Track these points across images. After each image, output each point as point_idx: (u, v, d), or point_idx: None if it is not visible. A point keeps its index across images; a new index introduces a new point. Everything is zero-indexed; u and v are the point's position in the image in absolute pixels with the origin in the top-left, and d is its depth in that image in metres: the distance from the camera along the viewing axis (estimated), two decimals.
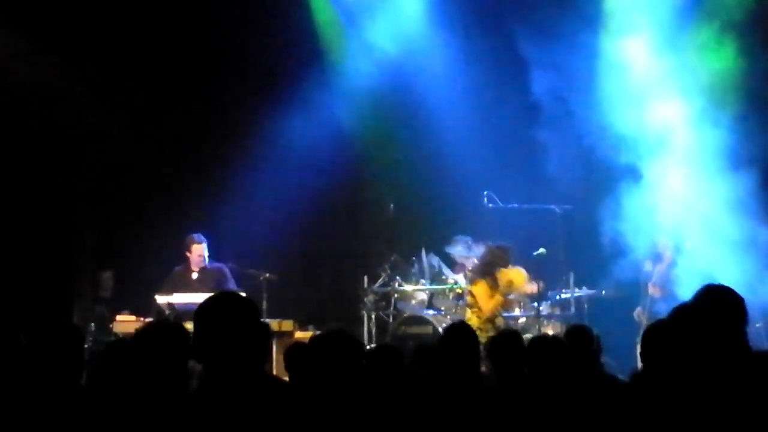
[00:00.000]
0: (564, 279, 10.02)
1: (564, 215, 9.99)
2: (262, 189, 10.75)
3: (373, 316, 10.24)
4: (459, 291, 9.88)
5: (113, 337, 8.56)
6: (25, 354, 4.24)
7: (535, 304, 9.79)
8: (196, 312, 3.43)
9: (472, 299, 9.18)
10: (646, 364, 4.25)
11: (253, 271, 9.70)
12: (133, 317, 8.81)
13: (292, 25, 10.92)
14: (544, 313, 9.88)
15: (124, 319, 8.78)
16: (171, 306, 8.63)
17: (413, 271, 10.44)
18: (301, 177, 10.97)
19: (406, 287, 10.38)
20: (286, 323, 9.13)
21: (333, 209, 11.43)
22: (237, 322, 3.35)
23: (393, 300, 10.41)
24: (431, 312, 10.09)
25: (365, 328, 10.14)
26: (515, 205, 10.11)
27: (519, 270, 9.42)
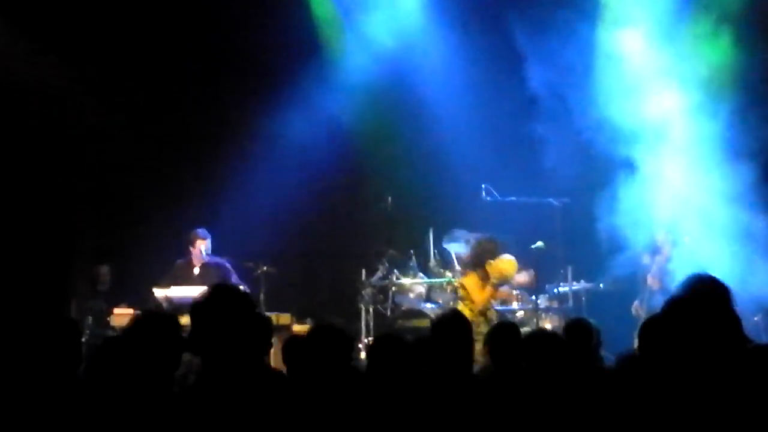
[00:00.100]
0: (562, 272, 10.04)
1: (562, 208, 9.99)
2: (261, 184, 10.75)
3: (371, 310, 10.26)
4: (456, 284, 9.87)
5: (110, 331, 8.58)
6: (23, 348, 4.24)
7: (533, 297, 9.80)
8: (192, 306, 3.44)
9: (464, 292, 9.14)
10: (644, 356, 4.25)
11: (251, 265, 9.72)
12: (131, 310, 8.80)
13: (291, 22, 10.91)
14: (542, 306, 9.89)
15: (122, 313, 8.79)
16: (168, 299, 8.63)
17: (411, 264, 10.46)
18: (299, 172, 10.97)
19: (404, 281, 10.40)
20: (284, 317, 9.14)
21: (331, 204, 11.43)
22: (232, 315, 3.36)
23: (391, 293, 10.42)
24: (429, 305, 10.11)
25: (363, 322, 10.17)
26: (513, 198, 10.09)
27: (509, 259, 9.36)
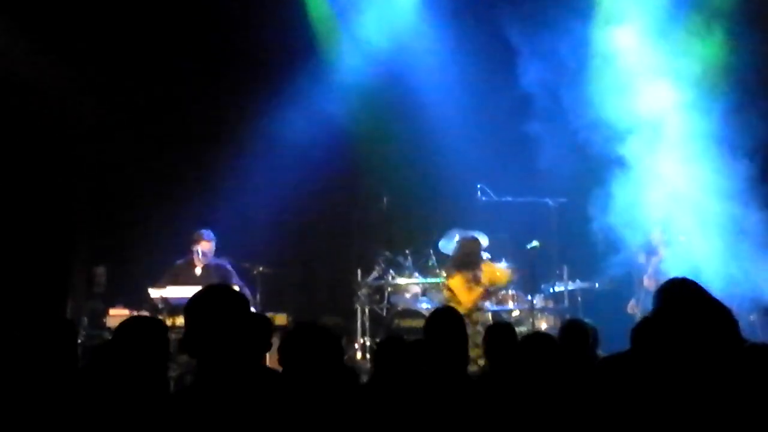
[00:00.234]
0: (558, 272, 10.04)
1: (558, 208, 10.01)
2: (257, 183, 10.75)
3: (367, 310, 10.27)
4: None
5: (106, 332, 8.57)
6: (20, 348, 4.25)
7: (529, 297, 9.81)
8: (187, 306, 3.44)
9: (449, 293, 9.16)
10: (637, 356, 4.27)
11: (248, 265, 9.71)
12: (127, 311, 8.79)
13: (288, 23, 10.91)
14: (537, 306, 9.88)
15: (118, 314, 8.77)
16: (165, 300, 8.61)
17: (406, 264, 10.47)
18: (295, 172, 10.95)
19: (400, 281, 10.41)
20: (280, 317, 9.13)
21: (327, 203, 11.43)
22: (227, 316, 3.36)
23: (387, 293, 10.44)
24: (425, 305, 10.12)
25: (359, 322, 10.18)
26: (509, 198, 10.12)
27: (505, 269, 9.49)
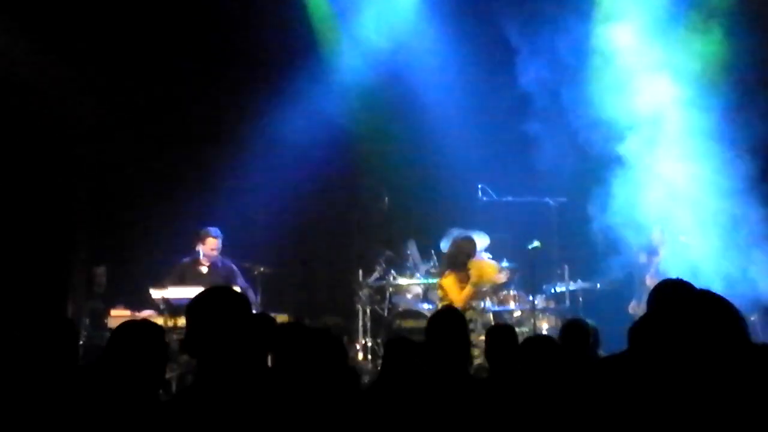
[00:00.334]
0: (559, 272, 10.04)
1: (559, 208, 10.01)
2: (258, 183, 10.76)
3: (368, 310, 10.27)
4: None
5: (107, 333, 8.56)
6: (20, 349, 4.25)
7: (530, 297, 9.81)
8: (188, 307, 3.44)
9: (442, 292, 9.17)
10: (635, 356, 4.27)
11: (249, 265, 9.71)
12: (128, 312, 8.80)
13: (287, 21, 10.91)
14: (539, 306, 9.88)
15: (119, 314, 8.76)
16: (166, 301, 8.60)
17: (408, 264, 10.47)
18: (296, 172, 10.95)
19: (401, 281, 10.41)
20: (281, 317, 9.12)
21: (328, 203, 11.43)
22: (228, 317, 3.36)
23: (388, 294, 10.43)
24: (426, 305, 10.11)
25: (360, 322, 10.18)
26: (510, 198, 10.12)
27: (492, 264, 9.45)
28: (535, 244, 9.65)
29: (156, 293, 8.72)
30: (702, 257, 9.12)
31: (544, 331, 9.44)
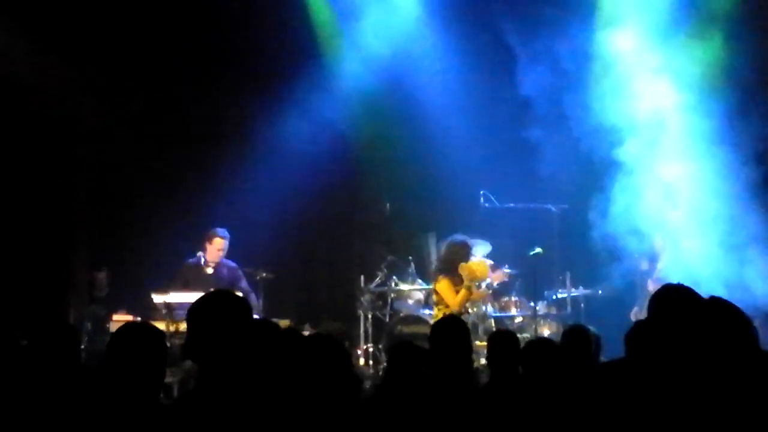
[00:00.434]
0: (560, 278, 10.03)
1: (560, 214, 10.00)
2: (259, 188, 10.73)
3: (369, 316, 10.27)
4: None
5: (109, 337, 8.52)
6: (22, 353, 4.25)
7: (532, 304, 9.80)
8: (189, 311, 3.44)
9: (437, 297, 9.17)
10: (633, 361, 4.27)
11: (250, 270, 9.70)
12: (130, 317, 8.77)
13: (290, 26, 10.91)
14: (540, 312, 9.88)
15: (121, 319, 8.74)
16: (168, 305, 8.58)
17: (409, 270, 10.45)
18: (297, 177, 10.93)
19: (403, 287, 10.40)
20: (283, 323, 9.08)
21: (330, 209, 11.41)
22: (229, 322, 3.36)
23: (390, 299, 10.41)
24: (428, 311, 10.10)
25: (362, 328, 10.18)
26: (511, 204, 10.12)
27: (480, 261, 9.37)
28: (537, 250, 9.64)
29: (158, 298, 8.70)
30: (703, 263, 9.10)
31: None
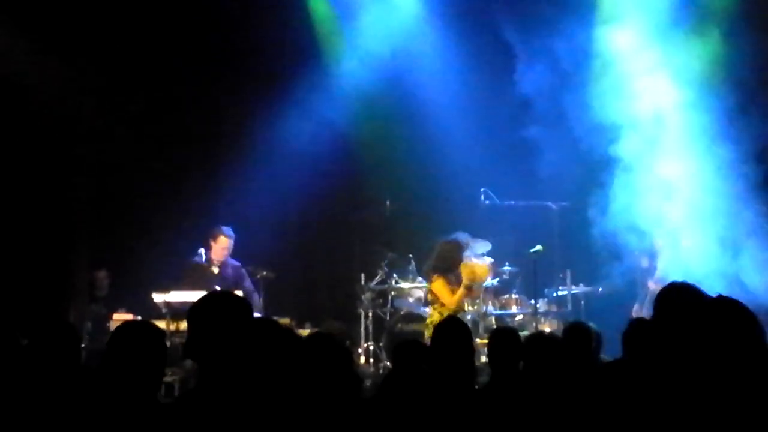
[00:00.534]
0: (561, 276, 10.02)
1: (561, 212, 10.00)
2: (260, 187, 10.74)
3: (370, 314, 10.28)
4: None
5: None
6: (22, 353, 4.24)
7: (532, 301, 9.79)
8: (189, 311, 3.44)
9: (432, 297, 9.18)
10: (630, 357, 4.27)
11: (251, 269, 9.70)
12: (130, 316, 8.78)
13: (289, 25, 10.91)
14: (541, 310, 9.87)
15: (121, 318, 8.75)
16: (168, 304, 8.58)
17: (410, 268, 10.45)
18: (298, 175, 10.95)
19: (403, 285, 10.41)
20: (284, 321, 9.12)
21: (330, 207, 11.41)
22: (229, 321, 3.35)
23: (390, 297, 10.43)
24: (428, 309, 10.09)
25: (362, 326, 10.18)
26: (512, 202, 10.11)
27: (483, 265, 9.39)
28: (537, 247, 9.63)
29: (158, 297, 8.69)
30: (703, 260, 9.09)
31: None
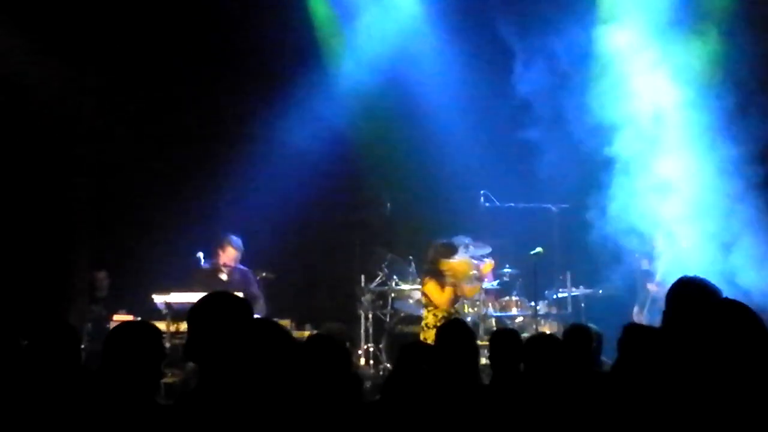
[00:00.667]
0: (561, 278, 10.03)
1: (561, 214, 10.00)
2: (260, 188, 10.74)
3: (370, 315, 10.29)
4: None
5: None
6: (22, 354, 4.24)
7: (532, 303, 9.80)
8: (189, 312, 3.44)
9: (425, 299, 9.19)
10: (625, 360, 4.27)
11: (251, 271, 9.69)
12: (130, 317, 8.77)
13: (289, 25, 10.91)
14: (541, 312, 9.89)
15: (121, 319, 8.73)
16: (168, 305, 8.57)
17: (410, 270, 10.45)
18: (298, 176, 10.94)
19: (403, 286, 10.41)
20: (284, 323, 9.10)
21: (330, 209, 11.40)
22: (229, 323, 3.35)
23: (390, 299, 10.44)
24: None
25: (362, 327, 10.19)
26: (512, 204, 10.12)
27: (461, 259, 9.35)
28: (537, 249, 9.64)
29: (159, 298, 8.67)
30: (702, 261, 9.08)
31: None
